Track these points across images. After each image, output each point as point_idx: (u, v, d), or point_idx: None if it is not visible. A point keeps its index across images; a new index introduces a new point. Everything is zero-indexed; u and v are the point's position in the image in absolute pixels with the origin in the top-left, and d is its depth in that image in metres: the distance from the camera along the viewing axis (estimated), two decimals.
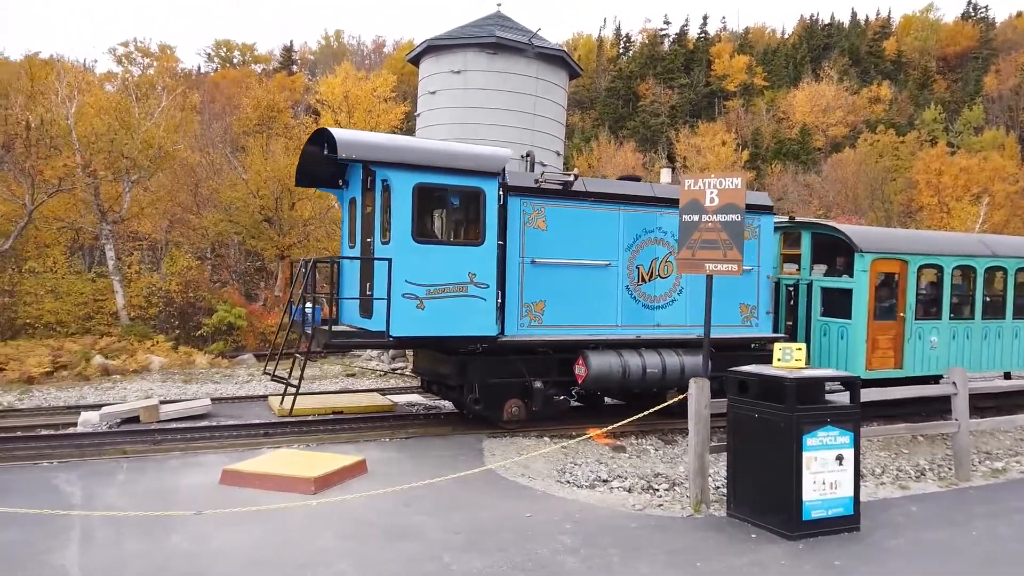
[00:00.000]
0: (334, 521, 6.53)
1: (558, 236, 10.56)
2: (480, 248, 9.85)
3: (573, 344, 10.64)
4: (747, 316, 11.88)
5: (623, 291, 11.05)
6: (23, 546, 5.84)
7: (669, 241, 11.35)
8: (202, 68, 70.60)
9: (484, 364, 10.30)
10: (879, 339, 12.04)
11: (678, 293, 11.51)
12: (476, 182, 9.84)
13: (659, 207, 11.32)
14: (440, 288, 9.58)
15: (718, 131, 57.60)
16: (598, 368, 10.42)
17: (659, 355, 10.88)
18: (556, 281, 10.56)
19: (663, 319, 11.38)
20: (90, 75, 33.36)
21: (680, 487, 8.28)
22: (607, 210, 10.96)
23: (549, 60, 19.35)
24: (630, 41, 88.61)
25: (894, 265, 12.22)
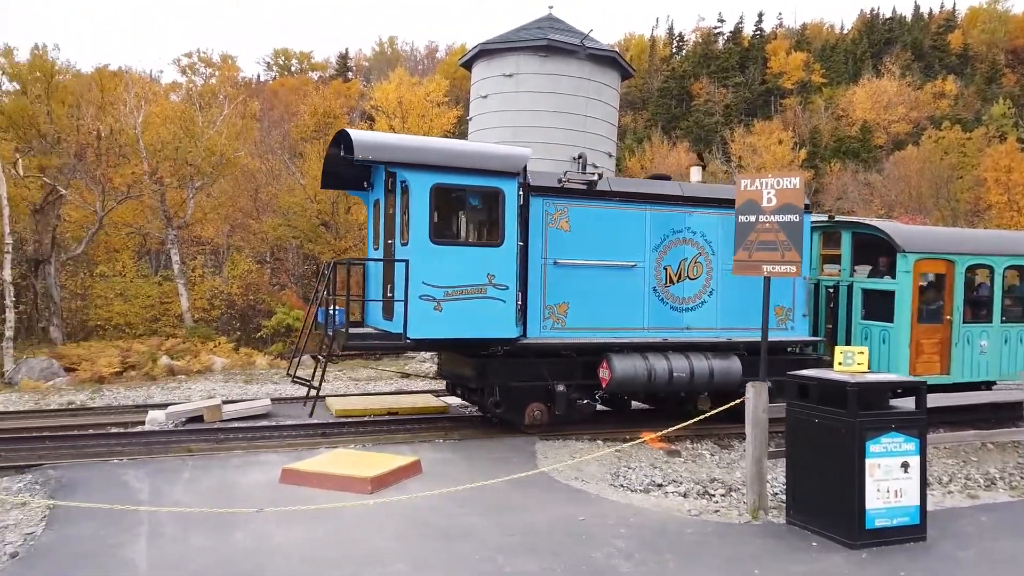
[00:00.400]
0: (390, 521, 6.62)
1: (582, 236, 10.40)
2: (499, 249, 9.70)
3: (597, 347, 10.45)
4: (782, 318, 11.51)
5: (650, 293, 10.82)
6: (95, 540, 6.09)
7: (699, 241, 11.12)
8: (261, 77, 72.45)
9: (505, 367, 10.19)
10: (924, 343, 11.55)
11: (708, 295, 11.22)
12: (495, 182, 9.71)
13: (688, 206, 11.07)
14: (458, 290, 9.48)
15: (774, 130, 56.40)
16: (622, 372, 10.20)
17: (687, 359, 10.60)
18: (580, 282, 10.39)
19: (692, 322, 11.11)
20: (156, 86, 34.58)
21: (737, 493, 8.15)
22: (633, 210, 10.75)
23: (601, 61, 19.26)
24: (683, 40, 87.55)
25: (940, 266, 11.73)
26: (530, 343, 10.11)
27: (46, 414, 12.56)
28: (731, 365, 10.80)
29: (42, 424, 11.21)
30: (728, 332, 11.16)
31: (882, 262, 11.84)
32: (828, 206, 46.48)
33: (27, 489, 7.67)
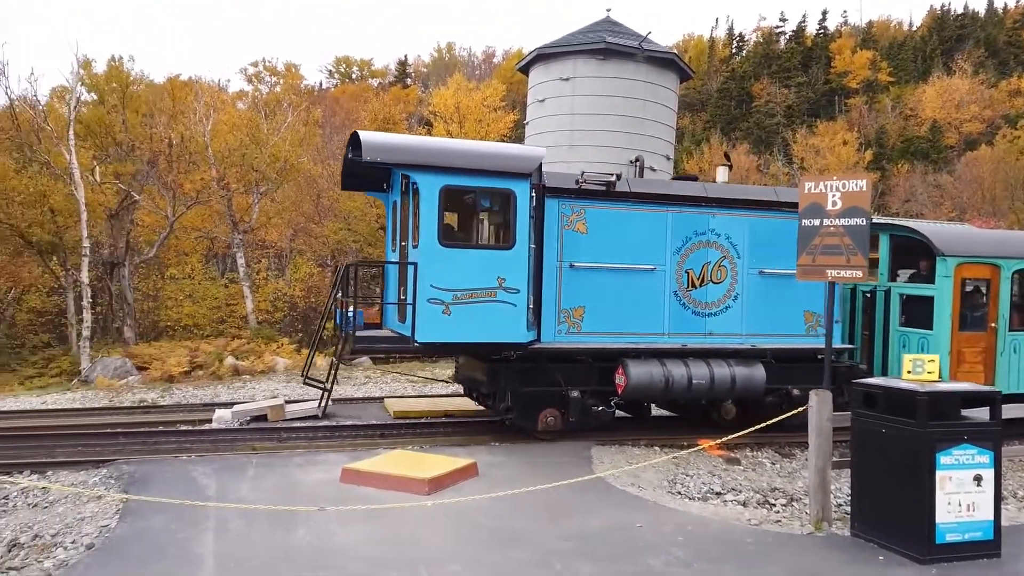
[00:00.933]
0: (447, 522, 6.69)
1: (599, 239, 10.16)
2: (510, 252, 9.49)
3: (613, 352, 10.17)
4: (812, 324, 11.05)
5: (670, 297, 10.50)
6: (166, 533, 6.32)
7: (723, 244, 10.75)
8: (323, 84, 74.09)
9: (518, 371, 10.02)
10: (965, 352, 10.88)
11: (733, 300, 10.80)
12: (506, 183, 9.50)
13: (712, 208, 10.71)
14: (468, 293, 9.30)
15: (838, 130, 54.91)
16: (637, 378, 9.90)
17: (707, 365, 10.25)
18: (596, 286, 10.15)
19: (716, 327, 10.73)
20: (224, 95, 35.73)
21: (799, 503, 7.96)
22: (653, 211, 10.43)
23: (659, 63, 19.12)
24: (743, 40, 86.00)
25: (983, 270, 11.11)
26: (544, 348, 9.93)
27: (120, 411, 13.09)
28: (754, 373, 10.44)
29: (116, 421, 11.70)
30: (754, 339, 10.80)
31: (922, 266, 11.28)
32: (895, 209, 45.00)
33: (102, 483, 8.01)
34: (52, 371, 21.21)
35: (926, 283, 11.02)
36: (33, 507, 7.48)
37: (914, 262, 11.46)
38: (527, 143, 20.27)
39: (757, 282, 10.81)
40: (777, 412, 10.78)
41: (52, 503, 7.49)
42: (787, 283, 10.66)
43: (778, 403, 10.74)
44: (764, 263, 10.85)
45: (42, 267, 23.08)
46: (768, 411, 10.74)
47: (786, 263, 10.74)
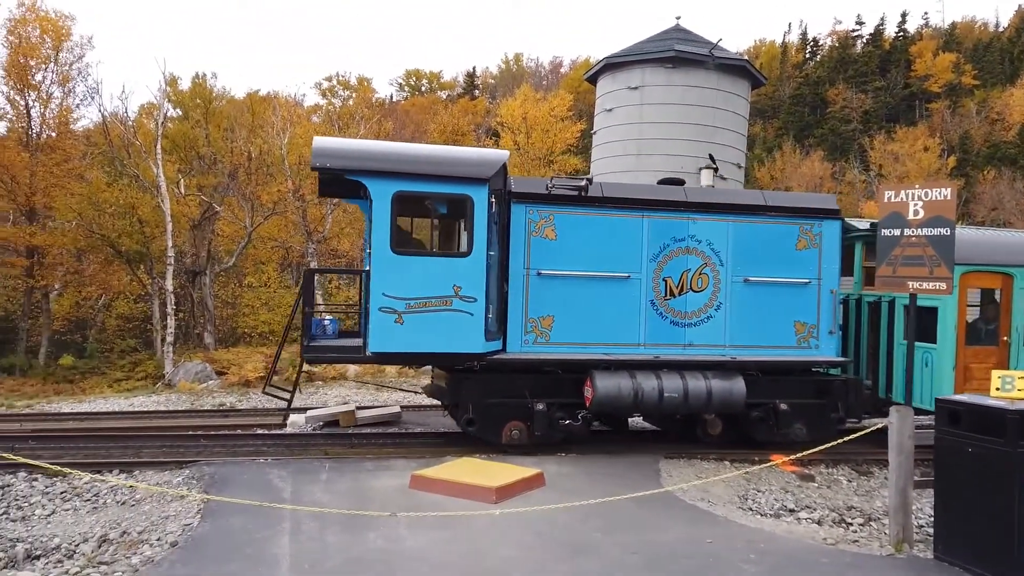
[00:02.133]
0: (515, 531, 6.71)
1: (569, 246, 9.81)
2: (467, 259, 9.16)
3: (581, 364, 9.78)
4: (804, 336, 10.46)
5: (647, 306, 10.06)
6: (244, 533, 6.55)
7: (704, 251, 10.24)
8: (393, 97, 75.65)
9: (481, 382, 9.71)
10: (974, 368, 10.22)
11: (715, 309, 10.29)
12: (462, 189, 9.15)
13: (692, 212, 10.22)
14: (421, 302, 8.99)
15: (919, 136, 52.86)
16: (604, 391, 9.49)
17: (681, 378, 9.78)
18: (566, 295, 9.80)
19: (696, 338, 10.24)
20: (299, 109, 36.92)
21: (877, 523, 7.69)
22: (628, 216, 10.01)
23: (730, 70, 18.84)
24: (817, 45, 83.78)
25: (994, 279, 10.38)
26: (510, 358, 9.63)
27: (201, 414, 13.64)
28: (733, 386, 9.89)
29: (198, 424, 12.17)
30: (738, 350, 10.30)
31: None
32: (981, 217, 43.02)
33: (185, 483, 8.36)
34: (138, 374, 22.26)
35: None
36: (121, 505, 7.86)
37: None
38: (594, 152, 20.25)
39: (742, 291, 10.32)
40: (762, 427, 10.39)
41: (139, 501, 7.86)
42: (776, 292, 10.31)
43: (764, 418, 10.32)
44: (750, 271, 10.34)
45: (130, 275, 24.27)
46: (753, 427, 10.38)
47: (775, 271, 10.38)
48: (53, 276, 29.83)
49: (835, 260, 10.60)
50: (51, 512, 7.74)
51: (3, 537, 6.79)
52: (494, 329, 9.55)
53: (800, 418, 10.34)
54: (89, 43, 29.90)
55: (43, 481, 8.54)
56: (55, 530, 7.05)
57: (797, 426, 10.31)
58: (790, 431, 10.30)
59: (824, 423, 10.40)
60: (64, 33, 29.02)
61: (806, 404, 10.42)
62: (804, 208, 10.60)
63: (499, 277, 9.67)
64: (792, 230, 10.45)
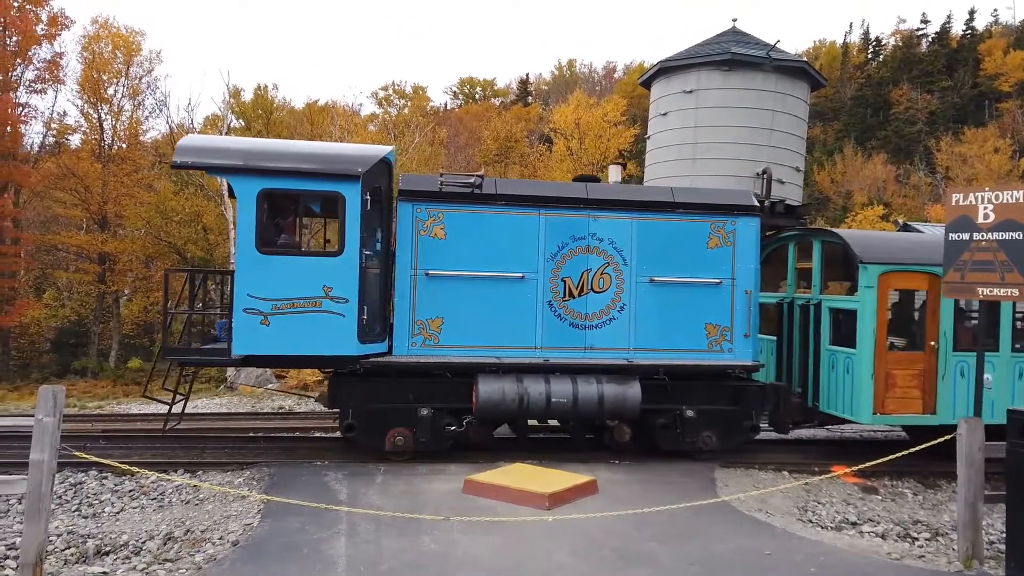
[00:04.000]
0: (568, 538, 6.69)
1: (460, 245, 9.49)
2: (338, 259, 8.85)
3: (469, 367, 9.44)
4: (716, 339, 9.98)
5: (543, 308, 9.68)
6: (302, 534, 6.68)
7: (607, 250, 9.82)
8: (448, 104, 76.46)
9: (362, 387, 9.39)
10: (896, 374, 9.59)
11: (618, 310, 9.86)
12: (333, 186, 8.86)
13: (593, 210, 9.82)
14: (288, 303, 8.70)
15: (989, 137, 50.84)
16: (487, 395, 9.21)
17: (572, 383, 9.40)
18: (457, 296, 9.48)
19: (598, 341, 9.81)
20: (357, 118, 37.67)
21: (945, 538, 7.42)
22: (524, 214, 9.64)
23: (788, 72, 18.44)
24: (880, 45, 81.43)
25: (918, 280, 9.72)
26: (394, 361, 9.34)
27: (261, 416, 14.00)
28: (627, 392, 9.49)
29: (258, 426, 12.49)
30: (644, 353, 9.85)
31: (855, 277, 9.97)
32: None
33: (246, 484, 8.59)
34: (202, 377, 22.92)
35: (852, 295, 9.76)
36: (186, 504, 8.12)
37: (849, 273, 10.15)
38: (648, 157, 20.09)
39: (648, 291, 9.89)
40: (668, 435, 9.84)
41: (202, 501, 8.10)
42: (685, 293, 9.89)
43: (669, 425, 9.90)
44: (657, 271, 9.92)
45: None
46: (658, 434, 9.90)
47: (684, 270, 9.93)
48: (123, 281, 31.09)
49: (750, 259, 10.10)
50: (120, 510, 8.05)
51: (75, 533, 7.08)
52: (376, 331, 9.28)
53: (710, 426, 9.90)
54: (158, 57, 31.16)
55: (112, 480, 8.89)
56: (123, 527, 7.32)
57: (706, 434, 9.88)
58: (698, 439, 9.87)
59: (737, 431, 10.04)
60: (135, 48, 30.28)
61: (717, 411, 9.98)
62: (716, 205, 10.12)
63: (383, 278, 9.45)
64: (703, 228, 10.01)
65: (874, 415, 9.58)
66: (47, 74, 29.56)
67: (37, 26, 28.62)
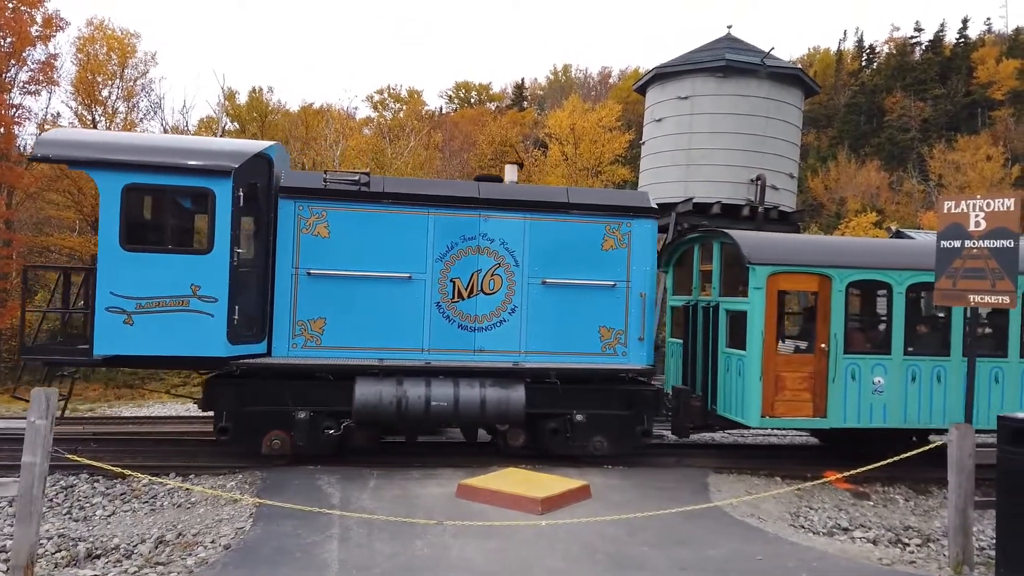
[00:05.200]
0: (561, 543, 6.69)
1: (344, 244, 9.32)
2: (207, 257, 8.63)
3: (350, 369, 9.26)
4: (610, 342, 9.86)
5: (431, 309, 9.54)
6: (294, 538, 6.67)
7: (498, 250, 9.68)
8: (443, 109, 76.50)
9: (237, 388, 9.14)
10: (786, 377, 9.51)
11: (509, 313, 9.70)
12: (203, 182, 8.64)
13: (485, 210, 9.68)
14: (154, 301, 8.46)
15: (981, 144, 51.19)
16: (363, 398, 9.03)
17: (453, 386, 9.25)
18: (340, 296, 9.31)
19: (488, 343, 9.66)
20: (352, 121, 37.70)
21: (936, 544, 7.44)
22: (412, 213, 9.50)
23: (782, 79, 18.56)
24: (874, 52, 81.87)
25: (809, 281, 9.65)
26: (273, 363, 9.17)
27: None
28: (510, 395, 9.32)
29: None
30: (537, 356, 9.72)
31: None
32: None
33: (238, 487, 8.56)
34: (195, 380, 22.82)
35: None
36: (177, 507, 8.09)
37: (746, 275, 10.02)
38: (643, 163, 20.15)
39: (541, 293, 9.75)
40: (557, 440, 9.65)
41: (194, 504, 8.07)
42: (578, 295, 9.76)
43: (559, 430, 9.71)
44: (549, 272, 9.79)
45: None
46: (548, 439, 9.75)
47: (577, 272, 9.80)
48: None
49: (646, 261, 10.00)
50: (111, 513, 8.01)
51: (66, 536, 7.05)
52: (251, 332, 9.10)
53: (601, 431, 9.77)
54: (153, 59, 31.14)
55: (104, 483, 8.86)
56: (115, 530, 7.29)
57: (597, 439, 9.76)
58: (588, 444, 9.74)
59: (629, 436, 9.88)
60: (130, 50, 30.24)
61: (609, 416, 9.83)
62: (611, 206, 10.01)
63: (263, 277, 9.23)
64: (598, 229, 9.89)
65: (763, 418, 9.49)
66: (41, 75, 29.51)
67: (31, 27, 28.56)
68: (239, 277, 8.90)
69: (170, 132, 28.29)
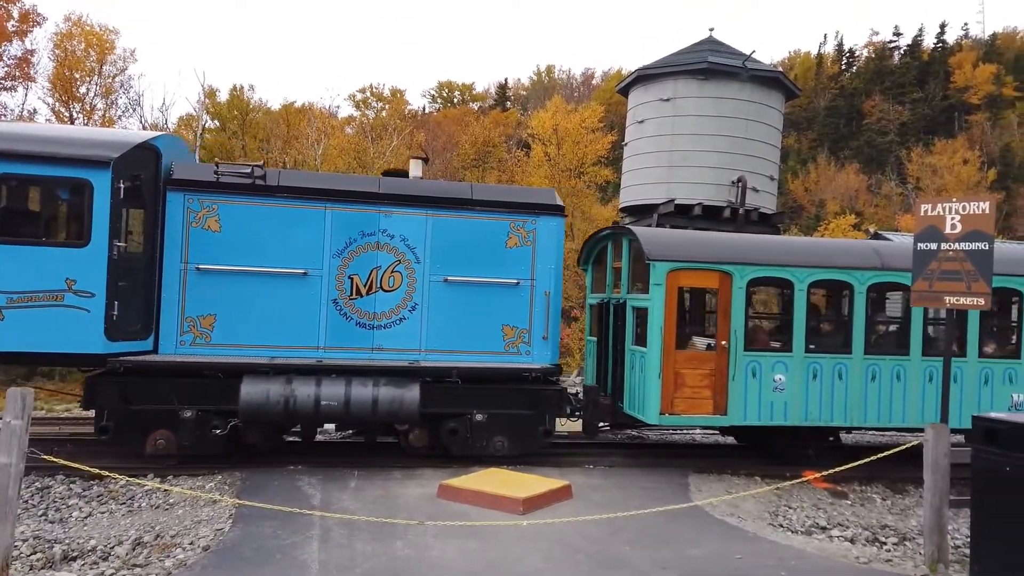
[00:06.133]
0: (542, 543, 6.70)
1: (236, 238, 9.10)
2: (84, 251, 8.35)
3: (239, 367, 9.02)
4: (514, 341, 9.73)
5: (328, 306, 9.36)
6: (274, 539, 6.62)
7: (398, 247, 9.54)
8: (426, 108, 76.32)
9: (119, 386, 8.86)
10: (686, 374, 9.47)
11: (409, 310, 9.56)
12: (81, 173, 8.36)
13: (385, 205, 9.52)
14: (27, 296, 8.20)
15: (958, 148, 51.93)
16: (249, 397, 8.80)
17: (345, 385, 9.04)
18: (231, 292, 9.08)
19: (387, 341, 9.50)
20: (334, 120, 37.51)
21: (912, 542, 7.54)
22: (308, 208, 9.31)
23: (763, 82, 18.73)
24: (853, 56, 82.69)
25: (709, 278, 9.65)
26: (159, 360, 8.92)
27: None
28: (404, 395, 9.11)
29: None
30: (437, 355, 9.58)
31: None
32: (1022, 232, 42.05)
33: (217, 488, 8.49)
34: None
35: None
36: (156, 508, 8.01)
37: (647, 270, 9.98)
38: (625, 164, 20.24)
39: (442, 291, 9.63)
40: (457, 440, 9.49)
41: (173, 505, 7.99)
42: (481, 293, 9.65)
43: (459, 429, 9.56)
44: (451, 270, 9.66)
45: None
46: (448, 439, 9.55)
47: (480, 270, 9.68)
48: None
49: (551, 259, 9.87)
50: (88, 514, 7.91)
51: (41, 538, 6.95)
52: (134, 328, 8.87)
53: (502, 431, 9.63)
54: (132, 56, 30.76)
55: (80, 484, 8.74)
56: (91, 532, 7.20)
57: (498, 439, 9.62)
58: (489, 444, 9.60)
59: (531, 437, 9.74)
60: (108, 47, 29.88)
61: (510, 416, 9.67)
62: (516, 203, 9.90)
63: (149, 272, 9.02)
64: (502, 226, 9.77)
65: (661, 415, 9.47)
66: (17, 71, 29.13)
67: (8, 22, 28.16)
68: (120, 271, 8.64)
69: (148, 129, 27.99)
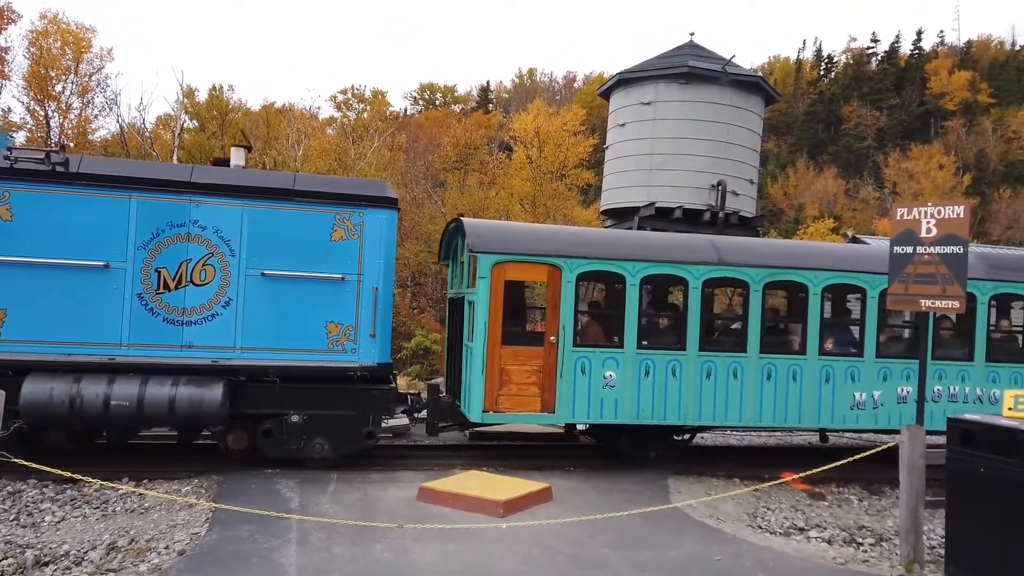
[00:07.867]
0: (522, 546, 6.69)
1: (29, 228, 8.60)
2: None
3: (26, 365, 8.52)
4: (338, 339, 9.34)
5: (132, 300, 8.85)
6: (251, 543, 6.56)
7: (210, 239, 9.07)
8: (408, 110, 76.10)
9: None
10: (511, 370, 9.22)
11: (223, 306, 9.09)
12: None
13: (196, 195, 9.04)
14: None
15: (934, 154, 52.73)
16: (31, 397, 8.31)
17: (139, 385, 8.57)
18: (23, 285, 8.59)
19: (198, 338, 9.01)
20: (315, 121, 37.31)
21: (888, 543, 7.61)
22: (110, 196, 8.81)
23: (743, 87, 18.86)
24: (832, 62, 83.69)
25: (537, 271, 9.43)
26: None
27: None
28: (204, 395, 8.66)
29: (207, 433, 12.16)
30: (252, 353, 9.15)
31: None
32: (996, 236, 42.71)
33: (194, 492, 8.39)
34: None
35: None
36: (130, 512, 7.89)
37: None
38: (607, 167, 20.30)
39: (259, 286, 9.18)
40: (272, 443, 9.21)
41: (148, 509, 7.88)
42: (303, 288, 9.24)
43: (274, 430, 9.23)
44: (269, 263, 9.21)
45: None
46: (265, 441, 9.27)
47: (302, 264, 9.26)
48: None
49: (380, 254, 9.49)
50: (61, 519, 7.78)
51: (13, 543, 6.83)
52: None
53: (322, 432, 9.30)
54: (109, 55, 30.39)
55: (53, 488, 8.59)
56: (64, 537, 7.08)
57: (317, 441, 9.30)
58: (307, 447, 9.28)
59: (354, 439, 9.43)
60: (84, 45, 29.49)
61: (330, 417, 9.32)
62: (342, 195, 9.50)
63: None
64: (326, 218, 9.36)
65: (485, 412, 9.24)
66: None
67: None
68: None
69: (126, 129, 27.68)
